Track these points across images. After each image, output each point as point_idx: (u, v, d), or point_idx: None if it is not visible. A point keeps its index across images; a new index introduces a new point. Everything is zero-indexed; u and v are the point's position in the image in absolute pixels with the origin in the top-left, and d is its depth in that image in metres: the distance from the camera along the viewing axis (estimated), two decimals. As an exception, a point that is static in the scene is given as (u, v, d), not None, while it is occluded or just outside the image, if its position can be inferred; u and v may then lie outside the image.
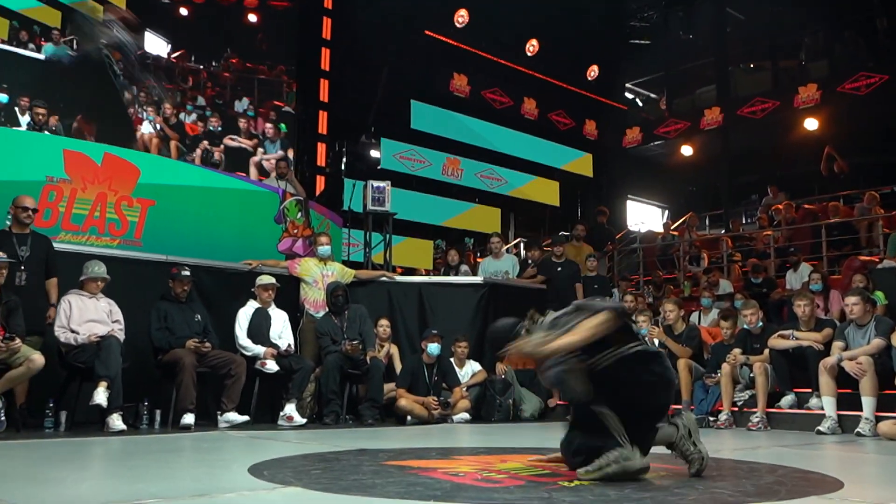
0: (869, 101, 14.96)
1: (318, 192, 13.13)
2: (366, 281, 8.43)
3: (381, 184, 9.36)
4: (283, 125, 13.04)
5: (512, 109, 16.62)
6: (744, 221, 17.81)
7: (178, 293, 6.65)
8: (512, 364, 3.40)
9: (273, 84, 13.24)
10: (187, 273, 6.71)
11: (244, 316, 7.01)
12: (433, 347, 7.56)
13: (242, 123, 12.76)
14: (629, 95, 20.62)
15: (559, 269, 9.78)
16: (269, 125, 12.91)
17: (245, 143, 12.62)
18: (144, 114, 11.88)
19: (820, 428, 6.31)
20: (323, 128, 13.71)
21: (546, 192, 16.50)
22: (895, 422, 5.91)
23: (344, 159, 14.35)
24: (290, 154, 12.75)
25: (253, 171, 12.29)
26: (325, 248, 8.04)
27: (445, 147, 14.72)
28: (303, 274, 7.93)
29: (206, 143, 12.26)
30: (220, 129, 12.49)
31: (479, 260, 12.09)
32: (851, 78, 15.21)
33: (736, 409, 7.13)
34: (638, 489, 3.11)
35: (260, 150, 12.70)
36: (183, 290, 6.67)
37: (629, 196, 20.04)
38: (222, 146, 12.36)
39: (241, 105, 12.96)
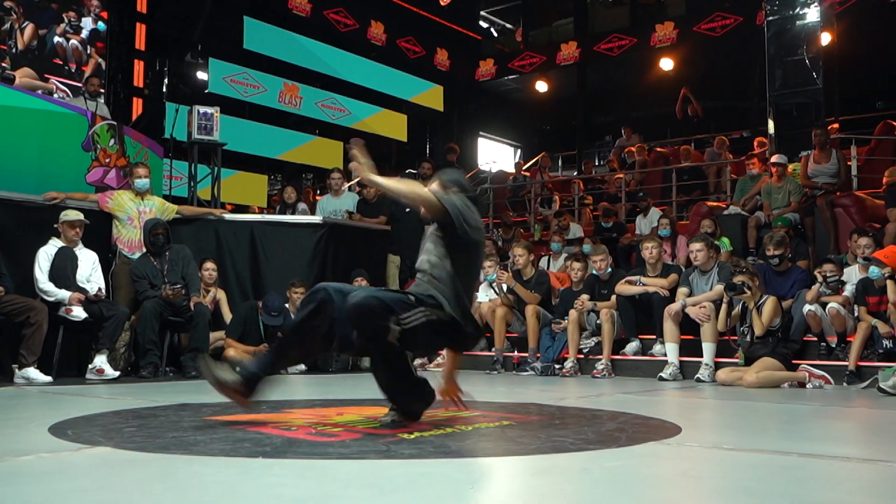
0: (723, 43, 15.83)
1: (134, 117, 12.45)
2: (190, 219, 8.15)
3: (209, 110, 9.01)
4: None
5: (357, 33, 16.34)
6: (597, 163, 18.59)
7: (-37, 229, 6.19)
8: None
9: None
10: (-26, 206, 6.24)
11: (45, 256, 6.62)
12: (268, 319, 7.46)
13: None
14: (484, 24, 20.78)
15: (408, 209, 9.82)
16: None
17: None
18: None
19: (662, 374, 6.78)
20: (141, 43, 12.94)
21: (393, 126, 16.42)
22: (732, 369, 6.44)
23: (166, 80, 13.65)
24: (10, 5, 11.02)
25: None
26: (142, 182, 7.67)
27: (283, 71, 14.30)
28: (115, 209, 7.55)
29: None
30: None
31: (318, 198, 11.96)
32: (707, 18, 16.01)
33: (582, 356, 7.53)
34: (479, 439, 3.23)
35: None
36: (-31, 225, 6.22)
37: (481, 133, 20.35)
38: None
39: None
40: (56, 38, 11.56)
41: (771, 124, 10.78)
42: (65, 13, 11.76)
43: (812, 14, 10.62)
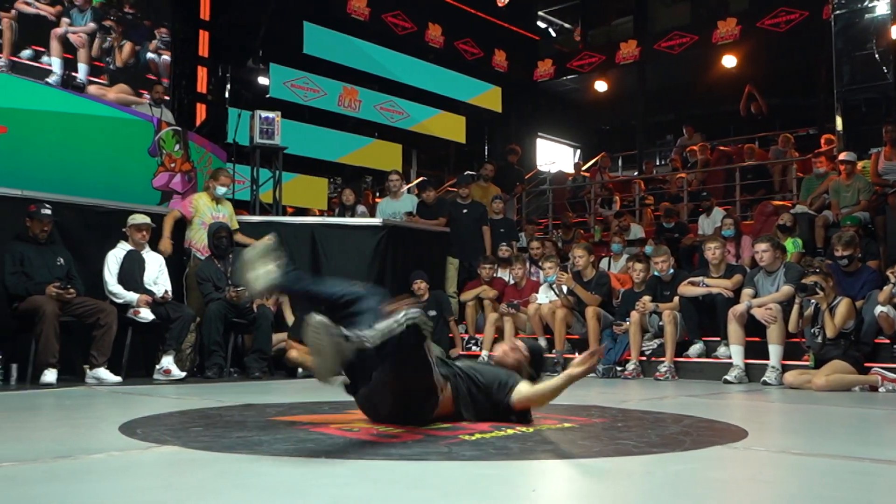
0: (788, 38, 15.48)
1: (198, 123, 12.69)
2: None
3: (270, 114, 9.15)
4: (97, -9, 11.28)
5: (415, 36, 16.40)
6: (658, 163, 18.35)
7: (36, 233, 6.37)
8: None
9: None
10: (48, 211, 6.42)
11: (114, 259, 6.80)
12: None
13: (43, -15, 10.71)
14: (542, 25, 20.68)
15: (465, 210, 9.85)
16: (78, -11, 10.92)
17: (45, 10, 10.69)
18: None
19: (727, 377, 6.65)
20: (204, 50, 13.18)
21: (451, 128, 16.43)
22: (801, 371, 6.29)
23: (228, 86, 13.88)
24: (110, 24, 11.38)
25: (55, 47, 10.72)
26: (223, 190, 7.86)
27: (342, 75, 14.42)
28: (196, 214, 7.71)
29: (-11, 6, 10.18)
30: (11, -12, 10.38)
31: (377, 200, 12.05)
32: (771, 13, 15.67)
33: (644, 358, 7.43)
34: (541, 441, 3.21)
35: (65, 20, 10.86)
36: (43, 230, 6.40)
37: (539, 134, 20.24)
38: (14, 11, 10.33)
39: (41, -39, 10.79)
40: (149, 55, 11.93)
41: (839, 121, 10.53)
42: (157, 29, 12.12)
43: (881, 7, 10.35)
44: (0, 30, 10.08)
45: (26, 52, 10.21)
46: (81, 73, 10.82)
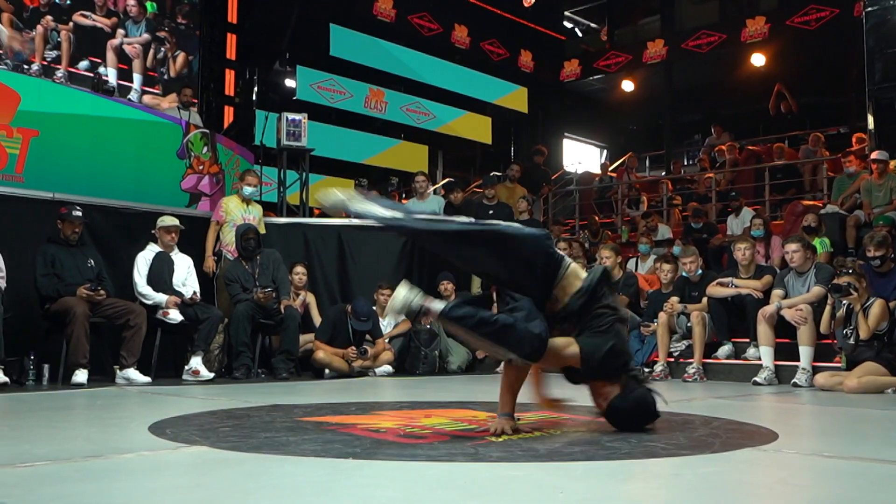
0: (818, 36, 15.31)
1: (226, 125, 12.78)
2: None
3: (297, 116, 9.19)
4: (150, 3, 11.38)
5: (441, 37, 16.42)
6: (685, 163, 18.22)
7: (67, 235, 6.46)
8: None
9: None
10: (79, 213, 6.51)
11: (143, 261, 6.87)
12: (357, 324, 7.50)
13: (98, -3, 10.89)
14: (568, 25, 20.61)
15: (491, 211, 9.83)
16: (132, 1, 11.11)
17: (101, 22, 10.82)
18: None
19: (756, 379, 6.58)
20: (231, 52, 13.28)
21: (477, 129, 16.44)
22: (832, 373, 6.21)
23: (255, 88, 13.98)
24: (164, 35, 11.59)
25: (111, 57, 10.86)
26: (250, 190, 7.94)
27: (368, 77, 14.48)
28: (227, 217, 7.77)
29: (49, 18, 10.25)
30: (68, 1, 10.47)
31: (404, 201, 12.07)
32: (801, 11, 15.50)
33: (672, 359, 7.38)
34: (568, 444, 3.20)
35: (120, 31, 11.01)
36: (73, 232, 6.48)
37: (566, 134, 20.17)
38: (71, 24, 10.47)
39: (98, -27, 10.95)
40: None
41: (871, 119, 10.37)
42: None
43: (915, 3, 10.19)
44: (59, 41, 10.27)
45: (83, 63, 10.40)
46: (136, 83, 10.96)
